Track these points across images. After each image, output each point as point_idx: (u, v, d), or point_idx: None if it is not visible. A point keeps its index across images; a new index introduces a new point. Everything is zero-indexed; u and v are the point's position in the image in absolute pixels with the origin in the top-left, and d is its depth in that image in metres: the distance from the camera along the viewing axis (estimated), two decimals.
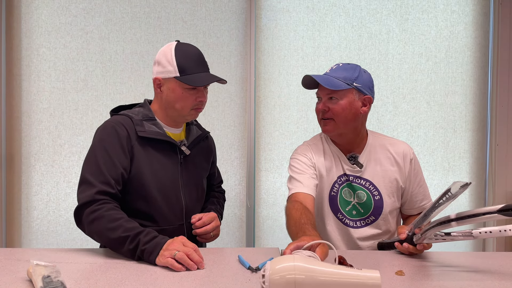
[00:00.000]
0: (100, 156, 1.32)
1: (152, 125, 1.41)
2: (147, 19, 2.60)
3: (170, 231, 1.41)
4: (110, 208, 1.27)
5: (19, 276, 1.08)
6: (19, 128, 2.56)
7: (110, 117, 1.45)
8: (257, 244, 2.67)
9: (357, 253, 1.40)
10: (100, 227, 1.25)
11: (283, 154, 2.65)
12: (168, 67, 1.38)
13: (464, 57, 2.68)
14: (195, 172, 1.51)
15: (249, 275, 1.13)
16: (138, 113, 1.43)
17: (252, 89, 2.63)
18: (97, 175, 1.30)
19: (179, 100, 1.39)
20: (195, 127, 1.57)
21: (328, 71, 1.54)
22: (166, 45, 1.42)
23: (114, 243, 1.24)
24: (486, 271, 1.19)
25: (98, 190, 1.28)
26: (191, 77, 1.36)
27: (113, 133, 1.35)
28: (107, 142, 1.34)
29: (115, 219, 1.24)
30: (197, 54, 1.41)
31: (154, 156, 1.40)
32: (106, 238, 1.25)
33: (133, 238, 1.21)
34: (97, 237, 1.29)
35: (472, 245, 2.72)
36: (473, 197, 2.71)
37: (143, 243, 1.20)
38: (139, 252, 1.20)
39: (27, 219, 2.59)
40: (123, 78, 2.59)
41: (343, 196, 1.54)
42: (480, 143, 2.70)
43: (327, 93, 1.48)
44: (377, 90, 2.67)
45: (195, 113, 1.44)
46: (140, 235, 1.22)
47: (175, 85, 1.38)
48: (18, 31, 2.55)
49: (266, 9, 2.65)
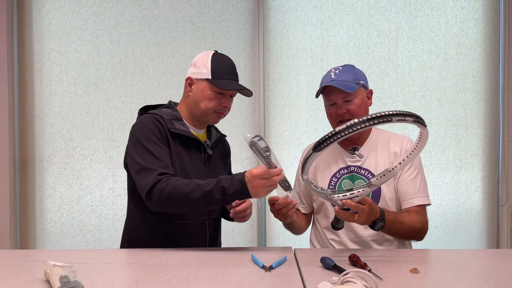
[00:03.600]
0: (149, 146, 1.39)
1: (180, 125, 1.48)
2: (156, 22, 2.62)
3: (194, 226, 1.47)
4: (176, 179, 1.33)
5: (36, 277, 1.10)
6: (32, 132, 2.60)
7: (142, 115, 1.51)
8: (268, 244, 2.67)
9: (370, 252, 1.40)
10: (179, 197, 1.29)
11: (293, 154, 2.65)
12: (203, 70, 1.47)
13: (475, 53, 2.65)
14: (215, 171, 1.55)
15: (263, 274, 1.13)
16: (167, 113, 1.50)
17: (261, 90, 2.63)
18: (153, 161, 1.37)
19: (206, 100, 1.46)
20: (214, 129, 1.64)
21: (333, 76, 1.56)
22: (205, 52, 1.52)
23: (201, 201, 1.29)
24: (502, 269, 1.18)
25: (159, 172, 1.34)
26: (221, 81, 1.45)
27: (153, 127, 1.42)
28: (152, 134, 1.41)
29: (188, 184, 1.30)
30: (231, 64, 1.52)
31: (183, 153, 1.46)
32: (191, 202, 1.29)
33: (217, 189, 1.27)
34: (179, 206, 1.33)
35: (486, 242, 2.70)
36: (486, 195, 2.68)
37: (228, 187, 1.27)
38: (230, 196, 1.28)
39: (41, 222, 2.62)
40: (133, 81, 2.61)
41: (343, 187, 1.58)
42: (492, 140, 2.67)
43: (342, 97, 1.54)
44: (387, 88, 2.66)
45: (217, 116, 1.50)
46: (219, 183, 1.28)
47: (205, 86, 1.46)
48: (30, 36, 2.59)
49: (274, 10, 2.65)
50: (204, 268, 1.17)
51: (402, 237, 1.51)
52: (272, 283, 1.06)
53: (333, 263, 1.17)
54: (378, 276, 1.08)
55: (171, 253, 1.33)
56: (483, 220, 2.69)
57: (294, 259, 1.28)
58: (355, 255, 1.22)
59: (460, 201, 2.67)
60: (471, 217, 2.68)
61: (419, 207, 1.50)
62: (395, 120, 1.06)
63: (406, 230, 1.43)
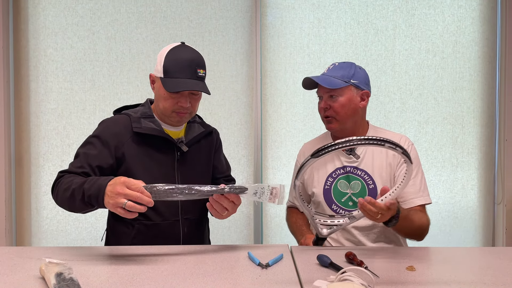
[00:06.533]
0: (82, 148, 1.39)
1: (150, 122, 1.44)
2: (153, 19, 2.61)
3: (165, 227, 1.43)
4: (68, 176, 1.31)
5: (31, 274, 1.09)
6: (28, 129, 2.58)
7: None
8: (265, 241, 2.68)
9: (367, 250, 1.40)
10: (60, 194, 1.28)
11: (290, 152, 2.65)
12: (158, 66, 1.41)
13: (472, 52, 2.66)
14: (194, 169, 1.51)
15: (259, 271, 1.13)
16: (138, 111, 1.47)
17: (258, 87, 2.63)
18: (75, 162, 1.36)
19: (162, 100, 1.41)
20: (198, 125, 1.57)
21: (325, 71, 1.60)
22: (168, 45, 1.44)
23: (71, 201, 1.25)
24: (497, 267, 1.18)
25: (62, 170, 1.35)
26: (171, 81, 1.37)
27: (105, 129, 1.41)
28: (96, 137, 1.40)
29: (68, 182, 1.27)
30: (189, 59, 1.38)
31: (148, 153, 1.42)
32: (66, 200, 1.27)
33: (79, 190, 1.22)
34: (64, 204, 1.30)
35: (482, 240, 2.71)
36: (482, 193, 2.69)
37: (87, 190, 1.20)
38: (87, 200, 1.20)
39: (37, 219, 2.61)
40: (130, 78, 2.60)
41: (339, 188, 1.57)
42: (488, 139, 2.68)
43: (326, 92, 1.55)
44: (384, 86, 2.66)
45: (177, 116, 1.42)
46: (84, 184, 1.22)
47: (160, 85, 1.41)
48: (26, 32, 2.57)
49: (271, 7, 2.65)
50: (200, 265, 1.17)
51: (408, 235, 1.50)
52: (268, 280, 1.06)
53: (330, 261, 1.17)
54: (374, 273, 1.08)
55: (167, 250, 1.33)
56: (479, 218, 2.70)
57: (290, 257, 1.27)
58: (351, 252, 1.22)
59: (456, 199, 2.68)
60: (467, 215, 2.69)
61: (421, 206, 1.51)
62: (387, 146, 1.17)
63: (414, 228, 1.43)
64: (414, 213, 1.45)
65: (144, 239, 1.41)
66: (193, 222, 1.50)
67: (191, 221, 1.49)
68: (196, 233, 1.53)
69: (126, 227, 1.43)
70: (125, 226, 1.43)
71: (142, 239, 1.41)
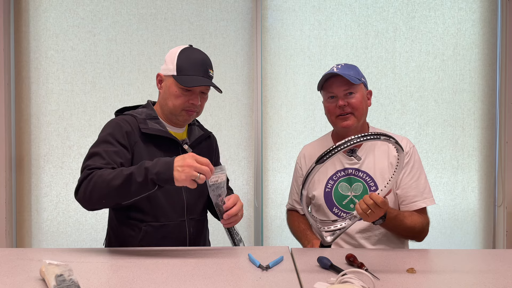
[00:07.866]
0: (98, 146, 1.35)
1: (155, 124, 1.46)
2: (154, 21, 2.61)
3: (171, 227, 1.43)
4: (103, 170, 1.26)
5: (32, 275, 1.09)
6: (28, 130, 2.59)
7: (115, 117, 1.49)
8: (265, 243, 2.67)
9: (367, 252, 1.40)
10: (102, 185, 1.22)
11: (291, 154, 2.65)
12: (170, 66, 1.44)
13: (472, 54, 2.66)
14: None
15: (260, 273, 1.13)
16: (142, 112, 1.48)
17: (258, 89, 2.63)
18: (96, 159, 1.31)
19: (172, 98, 1.43)
20: (197, 127, 1.61)
21: (336, 70, 1.57)
22: (177, 47, 1.48)
23: (122, 188, 1.20)
24: (498, 269, 1.18)
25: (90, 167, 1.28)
26: (185, 77, 1.41)
27: (117, 127, 1.40)
28: (108, 134, 1.38)
29: (110, 172, 1.23)
30: (200, 59, 1.44)
31: (155, 153, 1.43)
32: (112, 190, 1.21)
33: (138, 172, 1.19)
34: (104, 195, 1.24)
35: (482, 243, 2.70)
36: (483, 195, 2.68)
37: (152, 168, 1.18)
38: (153, 178, 1.18)
39: (37, 220, 2.61)
40: (131, 80, 2.61)
41: (340, 190, 1.57)
42: (489, 141, 2.68)
43: (344, 89, 1.54)
44: (385, 88, 2.66)
45: (186, 114, 1.45)
46: (143, 165, 1.20)
47: (171, 83, 1.43)
48: (27, 34, 2.57)
49: (272, 9, 2.65)
50: (200, 267, 1.17)
51: (402, 235, 1.51)
52: (268, 282, 1.06)
53: (330, 263, 1.16)
54: (375, 275, 1.08)
55: (167, 252, 1.33)
56: (479, 220, 2.69)
57: (291, 259, 1.27)
58: (352, 254, 1.22)
59: (456, 202, 2.68)
60: (467, 218, 2.69)
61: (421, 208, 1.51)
62: (382, 139, 1.22)
63: (406, 229, 1.44)
64: (407, 215, 1.45)
65: (152, 241, 1.41)
66: (198, 222, 1.52)
67: (196, 221, 1.50)
68: (201, 233, 1.55)
69: (132, 230, 1.42)
70: (131, 229, 1.42)
71: (149, 241, 1.41)
